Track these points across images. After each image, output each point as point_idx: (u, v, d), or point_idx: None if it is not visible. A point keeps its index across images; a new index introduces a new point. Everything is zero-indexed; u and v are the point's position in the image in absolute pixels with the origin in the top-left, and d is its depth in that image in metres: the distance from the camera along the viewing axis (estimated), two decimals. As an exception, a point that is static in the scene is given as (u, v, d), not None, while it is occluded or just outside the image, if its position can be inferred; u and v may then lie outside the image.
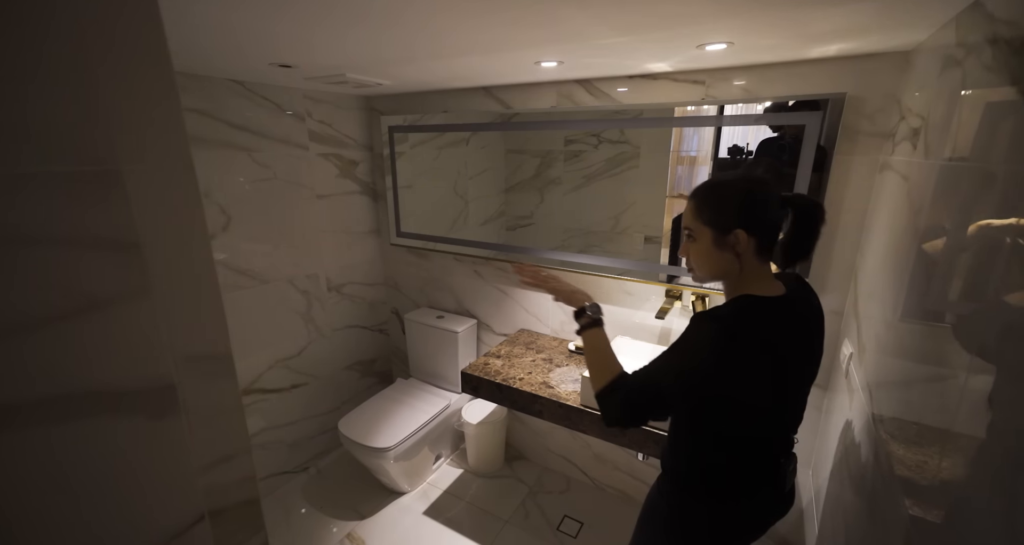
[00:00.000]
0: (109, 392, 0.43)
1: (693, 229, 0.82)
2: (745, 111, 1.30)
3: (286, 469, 2.02)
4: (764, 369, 0.77)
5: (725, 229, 0.79)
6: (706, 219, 0.80)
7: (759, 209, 0.79)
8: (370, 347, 2.34)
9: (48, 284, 0.39)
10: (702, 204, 0.81)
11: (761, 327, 0.77)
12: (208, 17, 0.82)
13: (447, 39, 0.99)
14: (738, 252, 0.79)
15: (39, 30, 0.35)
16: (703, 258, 0.83)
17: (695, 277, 0.87)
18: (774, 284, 0.83)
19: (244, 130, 1.61)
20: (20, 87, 0.35)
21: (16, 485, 0.39)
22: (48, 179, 0.37)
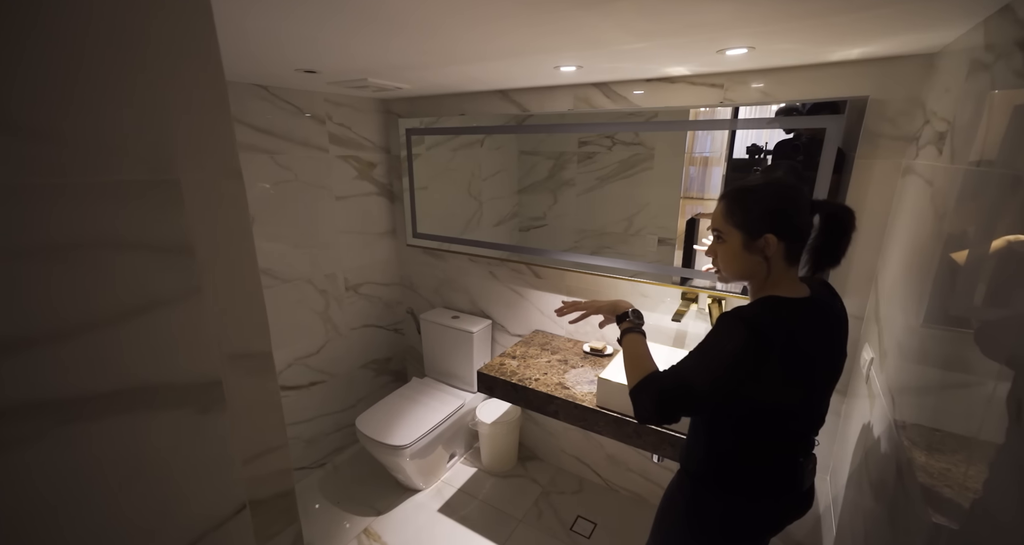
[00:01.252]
0: (163, 386, 0.46)
1: (723, 231, 0.83)
2: (762, 113, 1.30)
3: (304, 465, 2.06)
4: (790, 369, 0.77)
5: (756, 233, 0.80)
6: (737, 222, 0.81)
7: (790, 215, 0.79)
8: (386, 346, 2.38)
9: (116, 285, 0.41)
10: (733, 206, 0.82)
11: (788, 327, 0.77)
12: (246, 25, 0.85)
13: (470, 46, 1.01)
14: (767, 256, 0.80)
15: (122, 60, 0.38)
16: (731, 260, 0.84)
17: (721, 278, 0.88)
18: (799, 286, 0.84)
19: (267, 133, 1.65)
20: (100, 105, 0.37)
21: (86, 470, 0.41)
22: (121, 187, 0.40)
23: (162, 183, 0.42)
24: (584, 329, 1.84)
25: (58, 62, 0.35)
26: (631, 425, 1.32)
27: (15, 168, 0.34)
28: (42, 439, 0.39)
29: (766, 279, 0.83)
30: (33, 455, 0.38)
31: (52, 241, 0.37)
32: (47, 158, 0.36)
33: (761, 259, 0.81)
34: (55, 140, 0.36)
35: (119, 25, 0.37)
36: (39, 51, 0.34)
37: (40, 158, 0.35)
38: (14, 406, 0.37)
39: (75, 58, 0.36)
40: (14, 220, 0.35)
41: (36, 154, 0.35)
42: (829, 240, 0.82)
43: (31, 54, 0.34)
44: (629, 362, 0.91)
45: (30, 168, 0.35)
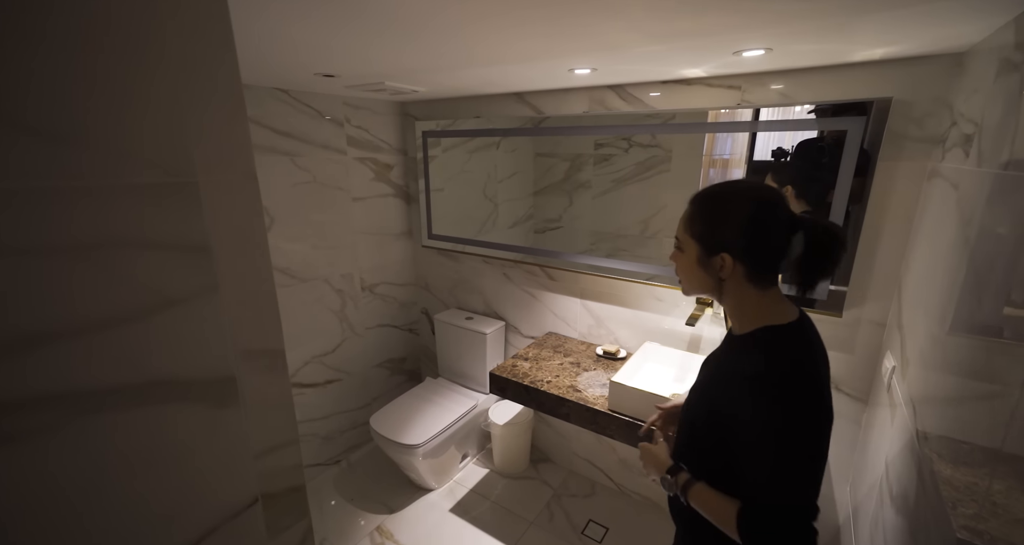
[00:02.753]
0: (180, 381, 0.47)
1: (681, 240, 0.76)
2: (783, 114, 1.28)
3: (319, 461, 2.09)
4: (824, 415, 0.68)
5: (711, 249, 0.71)
6: (696, 232, 0.73)
7: (758, 234, 0.69)
8: (400, 346, 2.40)
9: (136, 283, 0.43)
10: (696, 214, 0.74)
11: (807, 365, 0.67)
12: (266, 31, 0.88)
13: (484, 50, 1.02)
14: (721, 277, 0.72)
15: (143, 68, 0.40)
16: (687, 274, 0.76)
17: (683, 289, 0.80)
18: (785, 306, 0.74)
19: (287, 136, 1.69)
20: (122, 111, 0.39)
21: (107, 459, 0.43)
22: (142, 189, 0.42)
23: (181, 185, 0.44)
24: (597, 332, 1.83)
25: (82, 69, 0.36)
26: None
27: (41, 171, 0.36)
28: (65, 428, 0.40)
29: (741, 300, 0.73)
30: (57, 443, 0.40)
31: (76, 241, 0.38)
32: (71, 162, 0.37)
33: (715, 280, 0.73)
34: (78, 144, 0.37)
35: (141, 35, 0.39)
36: (63, 58, 0.36)
37: (64, 162, 0.37)
38: (39, 396, 0.39)
39: (98, 65, 0.37)
40: (40, 221, 0.36)
41: (60, 158, 0.36)
42: (814, 259, 0.70)
43: (55, 61, 0.35)
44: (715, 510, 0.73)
45: (55, 171, 0.36)
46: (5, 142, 0.34)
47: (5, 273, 0.36)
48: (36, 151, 0.36)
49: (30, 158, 0.36)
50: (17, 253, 0.36)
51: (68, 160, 0.37)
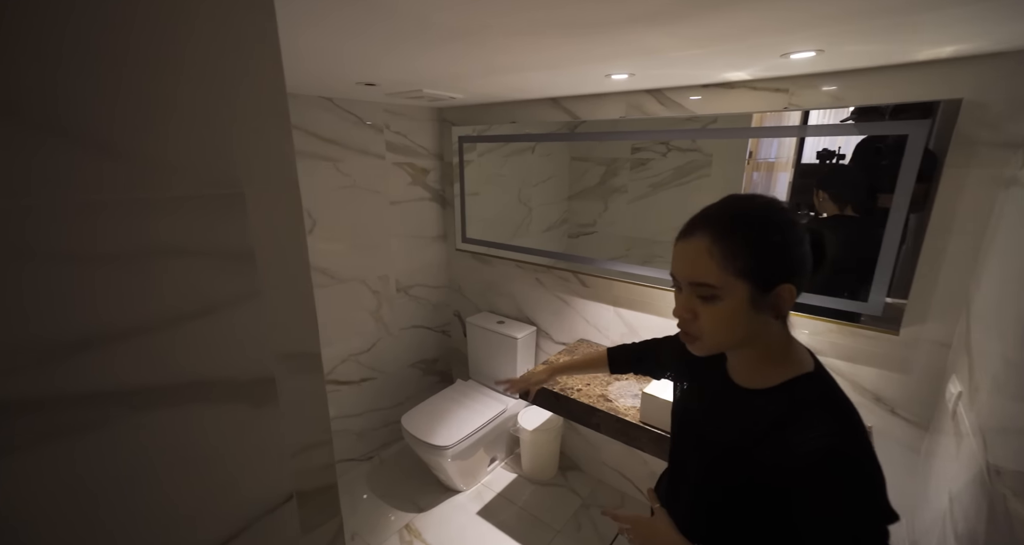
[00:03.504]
0: (222, 381, 0.49)
1: (718, 285, 0.56)
2: (835, 116, 1.21)
3: (353, 457, 2.15)
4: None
5: (769, 281, 0.56)
6: (741, 268, 0.55)
7: (802, 249, 0.57)
8: (433, 347, 2.44)
9: (185, 288, 0.45)
10: (733, 244, 0.56)
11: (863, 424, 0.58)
12: (313, 45, 0.91)
13: (522, 59, 1.02)
14: (780, 314, 0.59)
15: (194, 85, 0.42)
16: (729, 324, 0.58)
17: (699, 348, 0.62)
18: (802, 349, 0.64)
19: (331, 142, 1.76)
20: (174, 128, 0.41)
21: (151, 454, 0.45)
22: (194, 201, 0.44)
23: (228, 197, 0.46)
24: (630, 341, 1.79)
25: (137, 87, 0.39)
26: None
27: (99, 184, 0.38)
28: (120, 423, 0.43)
29: (768, 344, 0.61)
30: (112, 437, 0.43)
31: (129, 249, 0.41)
32: (124, 175, 0.39)
33: (770, 318, 0.58)
34: (133, 159, 0.39)
35: (193, 56, 0.41)
36: (118, 77, 0.38)
37: (118, 175, 0.39)
38: (94, 393, 0.41)
39: (152, 84, 0.40)
40: (95, 231, 0.38)
41: (115, 171, 0.39)
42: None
43: (112, 79, 0.38)
44: None
45: (110, 184, 0.38)
46: (69, 157, 0.36)
47: (65, 279, 0.38)
48: (94, 165, 0.38)
49: (90, 172, 0.38)
50: (76, 261, 0.38)
51: (123, 174, 0.39)
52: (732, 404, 0.66)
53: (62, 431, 0.40)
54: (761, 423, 0.60)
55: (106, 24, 0.37)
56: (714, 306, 0.58)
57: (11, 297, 0.35)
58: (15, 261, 0.35)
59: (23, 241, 0.35)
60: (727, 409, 0.67)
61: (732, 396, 0.67)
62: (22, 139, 0.34)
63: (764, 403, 0.62)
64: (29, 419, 0.38)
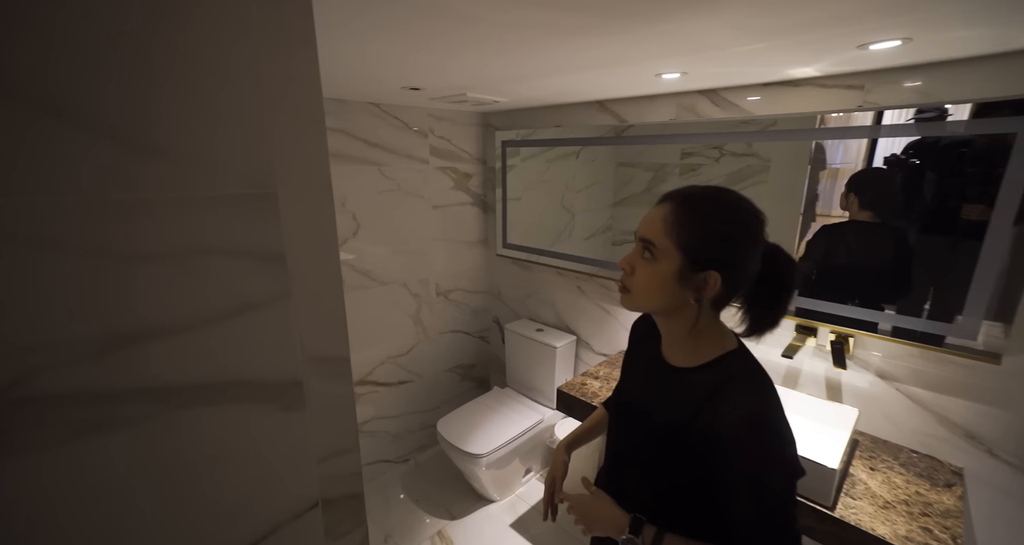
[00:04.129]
0: (253, 382, 0.49)
1: (658, 246, 0.63)
2: (906, 118, 1.08)
3: (389, 458, 2.17)
4: None
5: (699, 264, 0.62)
6: (683, 241, 0.62)
7: (746, 251, 0.63)
8: (471, 352, 2.43)
9: (218, 288, 0.45)
10: (687, 220, 0.62)
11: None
12: (359, 50, 0.92)
13: (567, 58, 0.99)
14: (699, 298, 0.64)
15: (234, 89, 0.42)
16: (654, 287, 0.65)
17: (627, 301, 0.69)
18: (728, 331, 0.71)
19: (376, 147, 1.80)
20: (215, 128, 0.42)
21: (183, 453, 0.46)
22: (228, 201, 0.44)
23: (262, 196, 0.46)
24: (676, 354, 1.70)
25: (186, 88, 0.39)
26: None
27: (142, 183, 0.39)
28: (156, 420, 0.43)
29: (696, 326, 0.67)
30: (149, 433, 0.43)
31: (169, 248, 0.41)
32: (166, 174, 0.40)
33: (691, 300, 0.64)
34: (174, 158, 0.40)
35: (240, 59, 0.41)
36: (171, 79, 0.38)
37: (160, 174, 0.39)
38: (135, 389, 0.42)
39: (191, 84, 0.40)
40: (136, 229, 0.39)
41: (157, 171, 0.39)
42: (768, 293, 0.66)
43: (154, 79, 0.38)
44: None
45: (151, 184, 0.39)
46: (115, 156, 0.37)
47: (109, 277, 0.39)
48: (139, 165, 0.39)
49: (135, 171, 0.39)
50: (120, 259, 0.39)
51: (164, 173, 0.40)
52: (668, 383, 0.72)
53: (103, 426, 0.40)
54: (697, 397, 0.66)
55: (155, 29, 0.37)
56: (649, 266, 0.65)
57: (57, 292, 0.36)
58: (61, 256, 0.36)
59: (70, 238, 0.36)
60: (664, 388, 0.72)
61: (667, 376, 0.72)
62: (70, 138, 0.35)
63: (698, 378, 0.67)
64: (72, 413, 0.39)
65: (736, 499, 0.62)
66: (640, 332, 0.88)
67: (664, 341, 0.74)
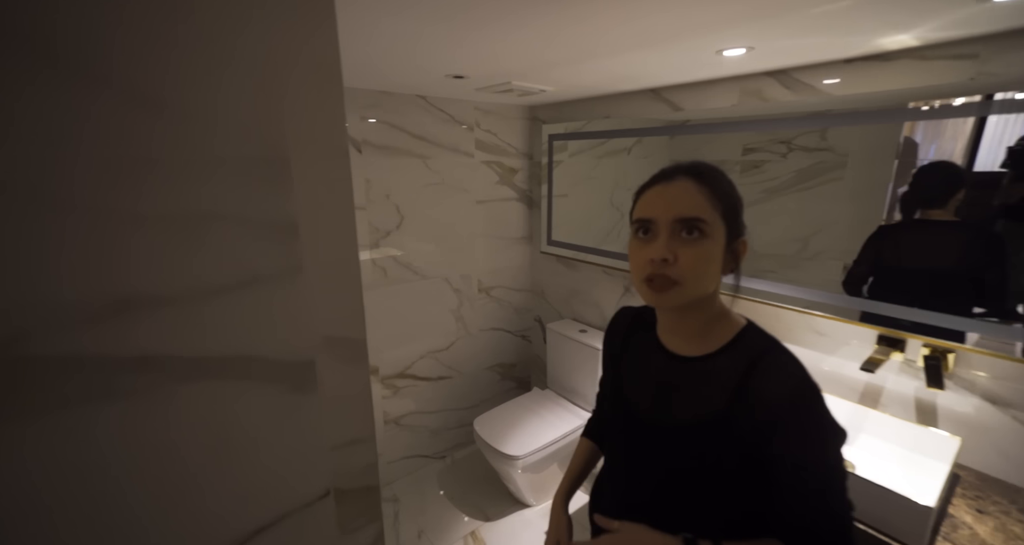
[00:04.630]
0: (261, 359, 0.47)
1: (708, 221, 0.58)
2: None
3: (426, 453, 2.17)
4: None
5: (736, 231, 0.62)
6: (721, 210, 0.60)
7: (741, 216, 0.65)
8: (512, 351, 2.38)
9: (225, 256, 0.43)
10: (716, 189, 0.60)
11: None
12: (399, 30, 0.90)
13: (614, 32, 0.91)
14: (734, 267, 0.64)
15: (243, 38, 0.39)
16: (709, 266, 0.60)
17: (676, 296, 0.59)
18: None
19: (422, 140, 1.80)
20: (223, 84, 0.39)
21: (191, 427, 0.44)
22: (236, 163, 0.41)
23: (273, 160, 0.43)
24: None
25: (186, 41, 0.37)
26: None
27: (146, 141, 0.37)
28: (161, 391, 0.42)
29: (716, 305, 0.64)
30: (153, 404, 0.41)
31: (167, 211, 0.39)
32: (168, 130, 0.38)
33: (720, 276, 0.63)
34: (178, 113, 0.38)
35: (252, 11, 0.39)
36: (172, 26, 0.36)
37: (162, 130, 0.37)
38: (140, 357, 0.40)
39: (206, 35, 0.38)
40: (141, 189, 0.37)
41: (159, 126, 0.37)
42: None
43: (160, 26, 0.36)
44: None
45: (158, 141, 0.37)
46: (122, 113, 0.35)
47: (116, 236, 0.37)
48: (146, 122, 0.37)
49: (139, 128, 0.37)
50: (127, 219, 0.37)
51: (167, 129, 0.38)
52: (686, 377, 0.65)
53: (98, 394, 0.39)
54: (728, 383, 0.60)
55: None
56: (699, 245, 0.59)
57: (52, 250, 0.35)
58: (54, 213, 0.35)
59: (66, 194, 0.34)
60: (683, 384, 0.65)
61: (682, 369, 0.65)
62: (59, 81, 0.33)
63: (722, 362, 0.62)
64: (69, 378, 0.37)
65: (800, 481, 0.56)
66: (621, 332, 0.78)
67: (674, 332, 0.68)
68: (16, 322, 0.35)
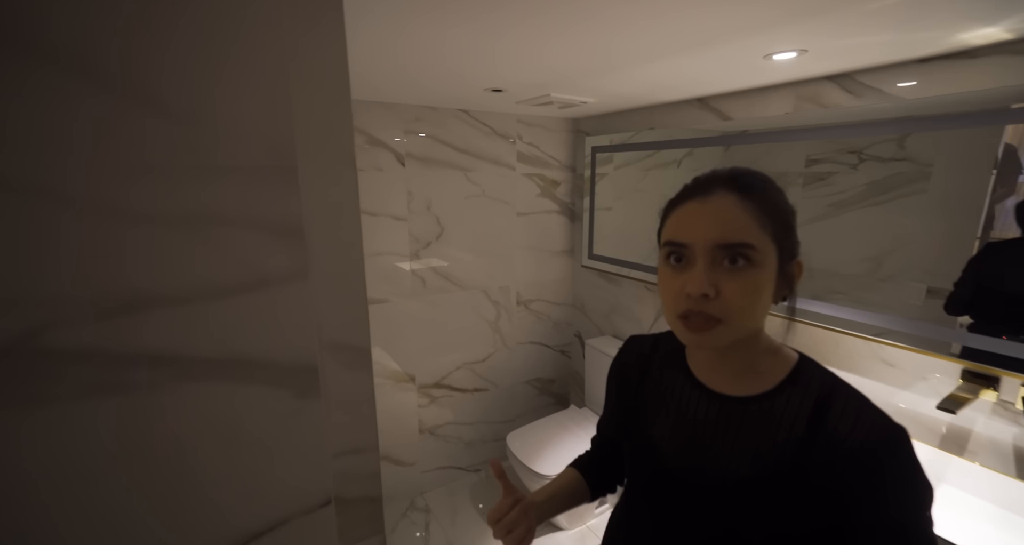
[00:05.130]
0: (265, 363, 0.47)
1: (758, 248, 0.48)
2: None
3: (460, 465, 2.16)
4: None
5: (790, 252, 0.52)
6: (771, 231, 0.50)
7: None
8: (550, 366, 2.33)
9: (231, 260, 0.44)
10: (762, 204, 0.50)
11: None
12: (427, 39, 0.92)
13: (656, 34, 0.88)
14: (788, 294, 0.54)
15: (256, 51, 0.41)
16: (761, 296, 0.50)
17: (722, 335, 0.49)
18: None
19: (464, 152, 1.83)
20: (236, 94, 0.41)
21: (194, 426, 0.45)
22: (244, 170, 0.43)
23: (282, 168, 0.44)
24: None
25: (205, 53, 0.39)
26: None
27: (165, 148, 0.39)
28: (165, 389, 0.43)
29: (762, 336, 0.55)
30: (158, 402, 0.43)
31: (189, 214, 0.41)
32: (188, 140, 0.40)
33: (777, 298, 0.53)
34: (196, 122, 0.40)
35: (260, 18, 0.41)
36: (188, 39, 0.38)
37: (183, 140, 0.39)
38: (147, 355, 0.42)
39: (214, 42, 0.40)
40: (156, 193, 0.40)
41: (180, 136, 0.39)
42: None
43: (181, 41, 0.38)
44: None
45: (175, 149, 0.39)
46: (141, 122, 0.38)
47: (130, 237, 0.39)
48: (165, 130, 0.39)
49: (159, 135, 0.39)
50: (142, 221, 0.40)
51: (187, 138, 0.40)
52: (735, 421, 0.55)
53: (109, 388, 0.41)
54: (793, 428, 0.51)
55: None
56: (748, 274, 0.49)
57: (69, 249, 0.37)
58: (65, 212, 0.37)
59: (74, 194, 0.37)
60: (731, 430, 0.55)
61: (729, 412, 0.55)
62: (70, 89, 0.36)
63: (782, 403, 0.53)
64: (81, 371, 0.40)
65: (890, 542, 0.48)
66: (635, 365, 0.67)
67: (714, 368, 0.58)
68: (36, 316, 0.38)
